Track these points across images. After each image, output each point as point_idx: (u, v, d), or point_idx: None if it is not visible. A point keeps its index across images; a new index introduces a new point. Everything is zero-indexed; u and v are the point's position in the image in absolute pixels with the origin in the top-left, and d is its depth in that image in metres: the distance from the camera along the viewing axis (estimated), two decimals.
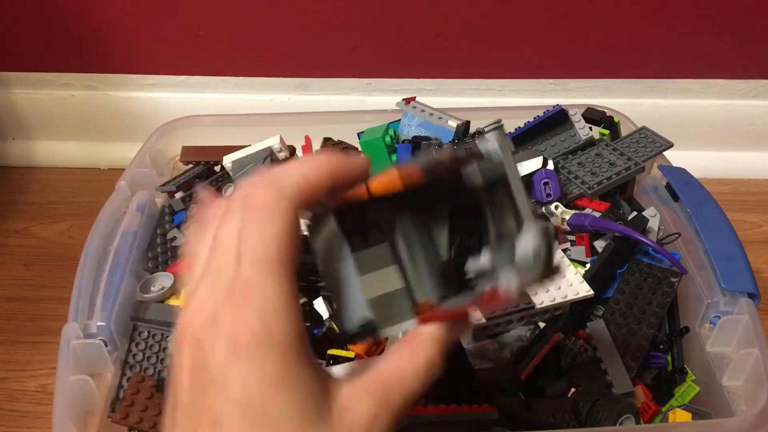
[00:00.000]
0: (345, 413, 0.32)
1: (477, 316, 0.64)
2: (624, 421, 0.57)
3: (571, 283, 0.67)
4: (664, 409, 0.63)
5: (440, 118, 0.84)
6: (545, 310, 0.66)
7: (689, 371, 0.66)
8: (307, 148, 0.86)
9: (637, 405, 0.59)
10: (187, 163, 0.89)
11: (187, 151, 0.89)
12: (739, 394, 0.63)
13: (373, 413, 0.33)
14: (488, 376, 0.57)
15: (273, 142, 0.81)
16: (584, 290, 0.66)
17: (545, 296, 0.66)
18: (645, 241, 0.69)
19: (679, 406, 0.62)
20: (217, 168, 0.88)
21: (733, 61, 1.17)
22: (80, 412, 0.61)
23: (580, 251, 0.73)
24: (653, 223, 0.75)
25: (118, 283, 0.70)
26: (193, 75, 1.19)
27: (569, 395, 0.61)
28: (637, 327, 0.65)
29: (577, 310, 0.67)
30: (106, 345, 0.64)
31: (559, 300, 0.65)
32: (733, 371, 0.63)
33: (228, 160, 0.82)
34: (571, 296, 0.66)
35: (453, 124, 0.83)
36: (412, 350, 0.35)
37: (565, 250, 0.72)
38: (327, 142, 0.85)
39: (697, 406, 0.63)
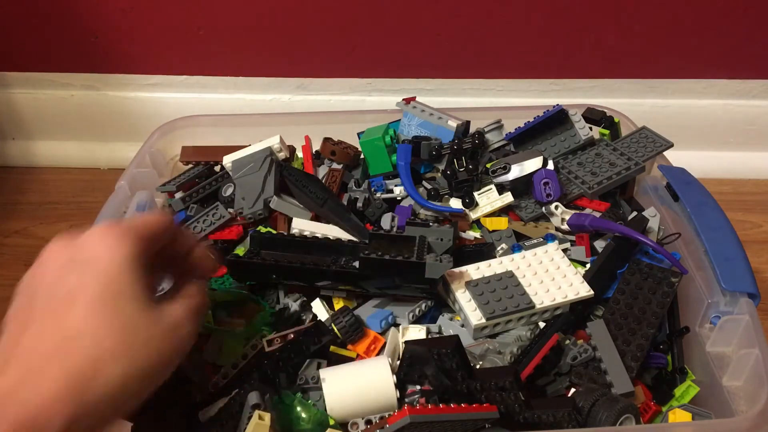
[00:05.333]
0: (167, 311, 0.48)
1: (477, 316, 0.64)
2: (624, 421, 0.57)
3: (571, 283, 0.66)
4: (664, 409, 0.63)
5: (440, 118, 0.84)
6: (545, 310, 0.66)
7: (689, 371, 0.66)
8: (307, 148, 0.86)
9: (637, 405, 0.59)
10: (187, 163, 0.89)
11: (187, 151, 0.89)
12: (739, 394, 0.63)
13: (185, 316, 0.49)
14: (488, 376, 0.57)
15: (273, 142, 0.81)
16: (584, 290, 0.66)
17: (545, 296, 0.66)
18: (645, 241, 0.69)
19: (679, 406, 0.62)
20: (217, 168, 0.88)
21: (733, 61, 1.17)
22: None
23: (580, 251, 0.73)
24: (653, 223, 0.74)
25: None
26: (193, 75, 1.20)
27: (569, 395, 0.61)
28: (637, 327, 0.65)
29: (577, 310, 0.67)
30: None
31: (559, 300, 0.65)
32: (733, 371, 0.63)
33: (228, 160, 0.82)
34: (571, 296, 0.66)
35: (453, 124, 0.83)
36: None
37: (565, 251, 0.72)
38: (327, 141, 0.85)
39: (697, 406, 0.63)
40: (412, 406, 0.52)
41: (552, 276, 0.67)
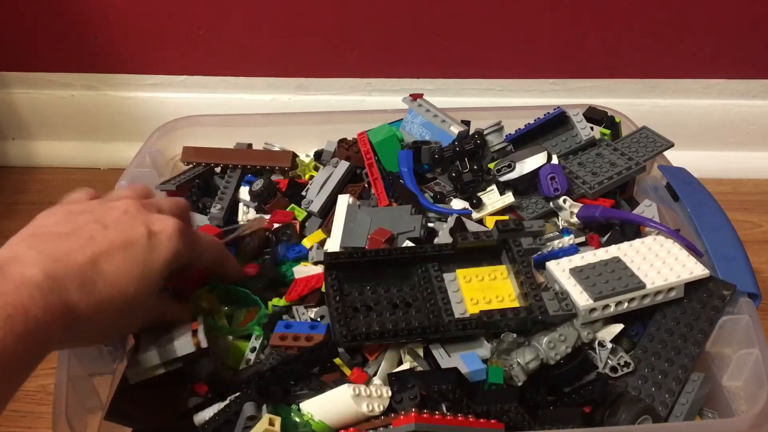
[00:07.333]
0: None
1: (584, 298, 0.61)
2: (642, 422, 0.56)
3: (684, 264, 0.63)
4: None
5: (443, 121, 0.84)
6: (657, 291, 0.62)
7: None
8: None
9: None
10: (187, 163, 0.89)
11: (188, 151, 0.88)
12: (739, 394, 0.63)
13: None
14: (492, 401, 0.56)
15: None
16: (699, 270, 0.62)
17: (656, 277, 0.62)
18: (661, 227, 0.68)
19: None
20: (218, 169, 0.88)
21: (733, 61, 1.17)
22: (80, 412, 0.61)
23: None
24: (649, 213, 0.74)
25: None
26: (193, 75, 1.20)
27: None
28: (682, 345, 0.62)
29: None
30: (106, 345, 0.64)
31: (672, 280, 0.62)
32: (733, 371, 0.63)
33: None
34: (685, 276, 0.62)
35: (455, 130, 0.82)
36: None
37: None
38: (342, 146, 0.85)
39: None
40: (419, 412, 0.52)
41: (663, 259, 0.64)
